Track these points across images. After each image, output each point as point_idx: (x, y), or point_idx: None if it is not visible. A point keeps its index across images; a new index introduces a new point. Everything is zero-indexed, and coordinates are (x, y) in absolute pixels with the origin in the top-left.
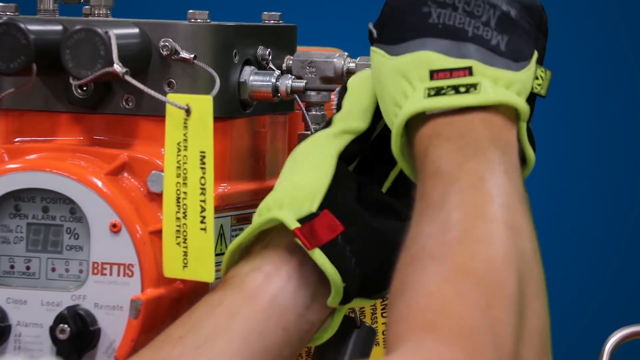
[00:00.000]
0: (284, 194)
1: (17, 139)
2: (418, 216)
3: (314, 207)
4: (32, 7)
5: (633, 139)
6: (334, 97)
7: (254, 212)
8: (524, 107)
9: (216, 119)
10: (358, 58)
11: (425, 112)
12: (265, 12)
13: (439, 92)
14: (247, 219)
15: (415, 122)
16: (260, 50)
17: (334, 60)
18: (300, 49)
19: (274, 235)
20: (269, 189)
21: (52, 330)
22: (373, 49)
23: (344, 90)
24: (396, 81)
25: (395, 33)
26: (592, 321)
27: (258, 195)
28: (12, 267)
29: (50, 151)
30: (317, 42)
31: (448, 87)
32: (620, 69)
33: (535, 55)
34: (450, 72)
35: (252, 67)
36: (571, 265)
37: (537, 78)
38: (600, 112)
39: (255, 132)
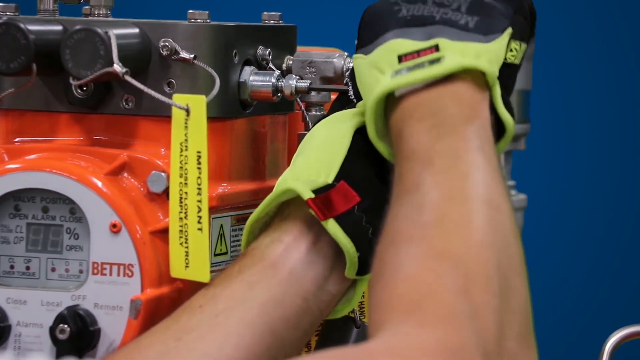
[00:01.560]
0: (301, 166)
1: (17, 139)
2: (395, 199)
3: (330, 178)
4: (32, 7)
5: (633, 139)
6: (334, 97)
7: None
8: (490, 69)
9: (216, 119)
10: None
11: (394, 93)
12: (265, 12)
13: (408, 69)
14: (247, 219)
15: (389, 106)
16: (260, 50)
17: (334, 60)
18: (300, 49)
19: (293, 207)
20: (269, 189)
21: (52, 330)
22: (354, 56)
23: (353, 74)
24: (370, 73)
25: (369, 34)
26: (592, 321)
27: (258, 195)
28: (12, 267)
29: (50, 151)
30: (317, 42)
31: (414, 66)
32: (620, 69)
33: (509, 30)
34: (418, 53)
35: (252, 67)
36: (571, 265)
37: (511, 50)
38: (600, 112)
39: (255, 132)
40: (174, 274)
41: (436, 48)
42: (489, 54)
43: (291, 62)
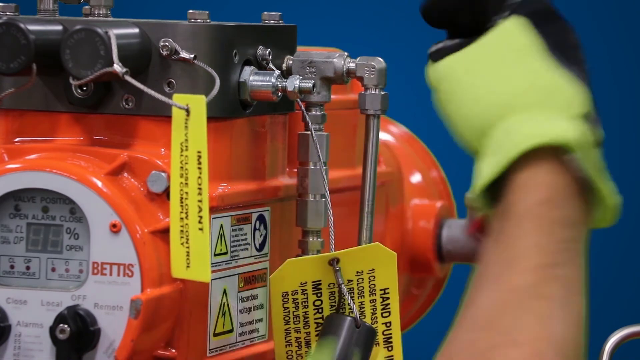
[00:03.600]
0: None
1: (17, 139)
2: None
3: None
4: (32, 7)
5: (633, 139)
6: (333, 97)
7: (254, 212)
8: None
9: (216, 119)
10: (358, 58)
11: (569, 155)
12: (265, 12)
13: (592, 143)
14: (247, 219)
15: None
16: (260, 50)
17: (334, 60)
18: (300, 49)
19: None
20: (269, 189)
21: (52, 330)
22: (529, 23)
23: None
24: (553, 84)
25: (560, 43)
26: (592, 321)
27: (258, 195)
28: (12, 267)
29: (50, 151)
30: (317, 42)
31: (593, 144)
32: (620, 69)
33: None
34: (595, 124)
35: (252, 67)
36: None
37: None
38: (600, 112)
39: (255, 132)
40: (175, 274)
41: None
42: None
43: (291, 62)
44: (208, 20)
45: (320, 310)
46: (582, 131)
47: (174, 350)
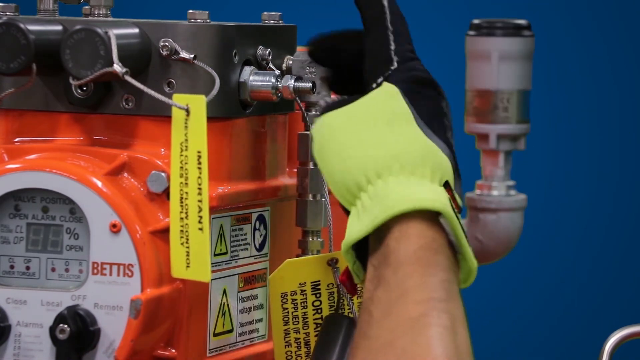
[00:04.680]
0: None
1: (17, 139)
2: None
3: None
4: (32, 7)
5: (633, 139)
6: (334, 97)
7: (254, 212)
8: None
9: (216, 119)
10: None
11: (438, 216)
12: (265, 12)
13: (455, 212)
14: (247, 219)
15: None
16: (260, 50)
17: None
18: (300, 49)
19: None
20: (269, 189)
21: (52, 330)
22: (399, 92)
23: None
24: (416, 153)
25: (426, 113)
26: (592, 321)
27: (258, 195)
28: (12, 267)
29: (50, 151)
30: None
31: (455, 213)
32: (620, 69)
33: None
34: (452, 197)
35: (252, 67)
36: (571, 265)
37: None
38: (600, 112)
39: (255, 132)
40: (175, 274)
41: (460, 209)
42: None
43: (291, 62)
44: (208, 20)
45: (319, 311)
46: (446, 199)
47: (173, 350)
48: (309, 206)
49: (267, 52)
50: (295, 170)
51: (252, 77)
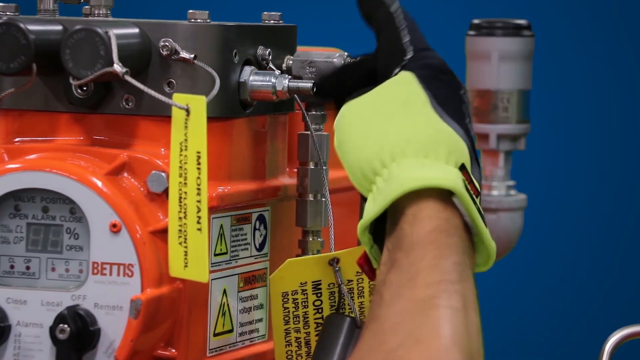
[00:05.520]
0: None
1: (17, 139)
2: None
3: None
4: (32, 7)
5: (633, 138)
6: None
7: (254, 212)
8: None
9: (216, 119)
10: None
11: (452, 196)
12: (265, 12)
13: (469, 194)
14: (247, 219)
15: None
16: (260, 50)
17: (334, 60)
18: (300, 49)
19: None
20: (269, 189)
21: (52, 330)
22: (414, 77)
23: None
24: (431, 136)
25: (443, 98)
26: (592, 321)
27: (258, 195)
28: (12, 267)
29: (50, 151)
30: (317, 42)
31: (471, 195)
32: (620, 69)
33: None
34: (470, 181)
35: (252, 67)
36: (571, 265)
37: None
38: (601, 112)
39: (255, 132)
40: (173, 273)
41: (478, 193)
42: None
43: (291, 62)
44: (208, 20)
45: (320, 310)
46: (459, 179)
47: (173, 350)
48: (309, 206)
49: (267, 52)
50: (295, 170)
51: (252, 77)
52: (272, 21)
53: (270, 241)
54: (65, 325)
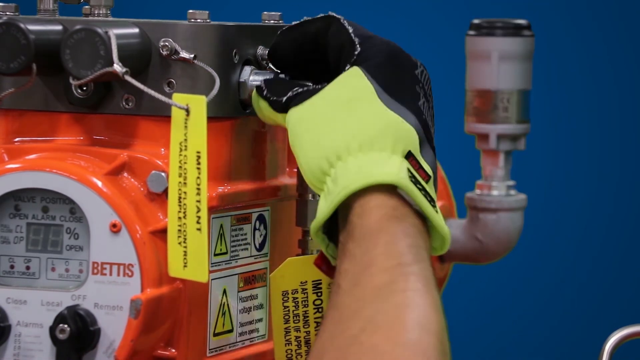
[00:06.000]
0: None
1: (17, 139)
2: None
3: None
4: (32, 7)
5: (633, 138)
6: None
7: (254, 212)
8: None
9: (216, 118)
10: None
11: (397, 188)
12: (265, 12)
13: (415, 182)
14: (247, 219)
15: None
16: (260, 50)
17: None
18: None
19: None
20: (269, 189)
21: (52, 330)
22: (361, 71)
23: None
24: (376, 128)
25: (391, 84)
26: (592, 321)
27: (258, 195)
28: (12, 267)
29: (50, 151)
30: None
31: (418, 182)
32: (620, 69)
33: None
34: (418, 167)
35: (252, 67)
36: (571, 265)
37: None
38: (601, 112)
39: (255, 132)
40: (172, 273)
41: (428, 180)
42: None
43: None
44: (208, 20)
45: (320, 310)
46: (403, 171)
47: (173, 350)
48: (309, 206)
49: (267, 52)
50: (295, 170)
51: (252, 77)
52: (272, 21)
53: (270, 241)
54: (65, 325)
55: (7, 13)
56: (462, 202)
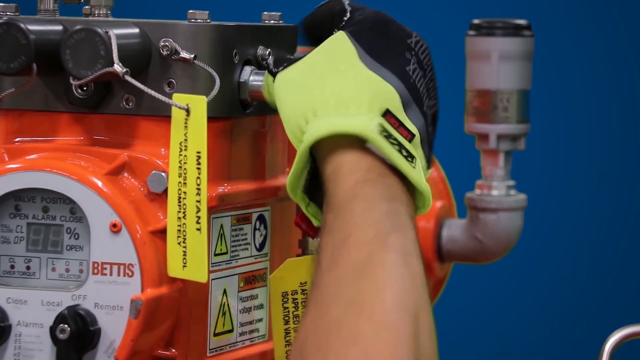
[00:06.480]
0: None
1: (17, 139)
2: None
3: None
4: (32, 7)
5: (633, 138)
6: None
7: (254, 212)
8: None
9: (216, 119)
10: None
11: (367, 143)
12: (265, 12)
13: (388, 137)
14: (247, 219)
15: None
16: (260, 50)
17: None
18: (300, 49)
19: None
20: (269, 189)
21: (52, 330)
22: (346, 35)
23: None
24: (354, 87)
25: (375, 47)
26: (592, 321)
27: (258, 195)
28: (12, 267)
29: (50, 151)
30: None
31: (394, 138)
32: (620, 69)
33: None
34: (398, 125)
35: (252, 67)
36: (571, 265)
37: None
38: (601, 112)
39: (255, 132)
40: (172, 273)
41: (411, 139)
42: (425, 174)
43: None
44: (208, 20)
45: None
46: (374, 124)
47: (174, 350)
48: None
49: (267, 52)
50: None
51: (252, 77)
52: (272, 21)
53: (270, 241)
54: (66, 325)
55: (8, 13)
56: (462, 202)
